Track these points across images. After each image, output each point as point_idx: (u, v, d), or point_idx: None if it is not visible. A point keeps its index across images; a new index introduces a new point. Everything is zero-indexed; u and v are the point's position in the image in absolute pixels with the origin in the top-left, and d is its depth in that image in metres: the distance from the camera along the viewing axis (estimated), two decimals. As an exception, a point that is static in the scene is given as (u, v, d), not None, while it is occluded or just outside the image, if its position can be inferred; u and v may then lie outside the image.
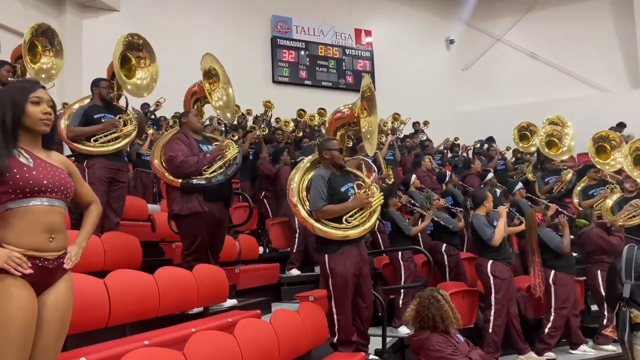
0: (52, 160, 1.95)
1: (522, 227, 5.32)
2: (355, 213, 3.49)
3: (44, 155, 1.94)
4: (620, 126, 10.15)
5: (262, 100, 10.54)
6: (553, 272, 4.93)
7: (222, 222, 4.07)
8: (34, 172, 1.83)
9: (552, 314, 4.87)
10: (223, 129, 8.81)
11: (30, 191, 1.80)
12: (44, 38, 4.60)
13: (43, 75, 4.57)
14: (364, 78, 3.99)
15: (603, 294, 5.18)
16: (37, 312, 1.76)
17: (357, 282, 3.45)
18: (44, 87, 1.96)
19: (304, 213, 3.49)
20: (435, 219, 5.65)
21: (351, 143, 6.88)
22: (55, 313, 1.82)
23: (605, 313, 5.16)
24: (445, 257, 5.64)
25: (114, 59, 4.26)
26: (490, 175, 7.31)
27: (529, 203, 6.36)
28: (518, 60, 13.59)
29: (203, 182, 3.86)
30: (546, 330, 4.85)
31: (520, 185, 6.63)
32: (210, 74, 4.51)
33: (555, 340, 4.88)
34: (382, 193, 3.72)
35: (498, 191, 6.61)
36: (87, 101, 4.49)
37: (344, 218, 3.44)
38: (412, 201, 6.01)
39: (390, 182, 6.70)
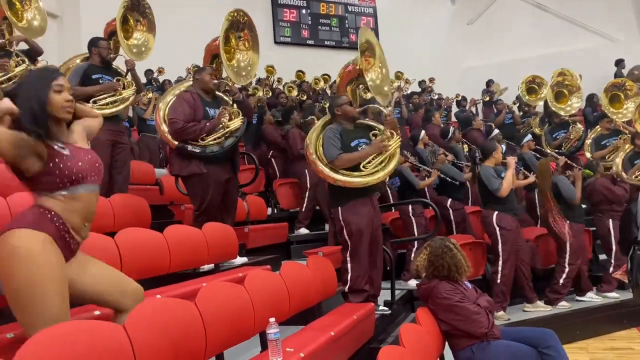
0: (77, 141, 1.97)
1: (530, 180, 5.31)
2: (373, 159, 3.49)
3: (71, 138, 1.95)
4: (619, 62, 10.09)
5: (264, 62, 10.42)
6: (567, 223, 4.92)
7: (229, 181, 4.02)
8: (73, 161, 1.86)
9: (567, 266, 4.88)
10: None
11: (76, 179, 1.85)
12: None
13: (34, 31, 4.46)
14: (360, 31, 3.89)
15: (613, 243, 5.21)
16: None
17: (370, 233, 3.49)
18: (63, 75, 1.95)
19: (322, 167, 3.50)
20: (442, 175, 5.63)
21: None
22: (83, 266, 1.92)
23: (613, 262, 5.20)
24: (451, 212, 5.66)
25: (117, 17, 4.14)
26: (496, 131, 7.26)
27: (537, 155, 6.31)
28: (524, 12, 13.27)
29: (197, 150, 3.81)
30: (560, 281, 4.88)
31: (529, 137, 6.56)
32: (238, 27, 4.21)
33: (568, 290, 4.93)
34: (399, 136, 3.68)
35: (504, 147, 6.56)
36: (82, 61, 4.34)
37: (361, 165, 3.45)
38: (416, 164, 5.94)
39: None
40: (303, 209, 5.99)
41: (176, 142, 3.84)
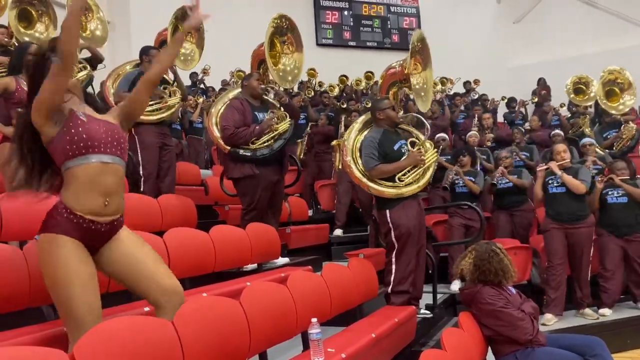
0: (102, 116, 1.97)
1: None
2: (408, 171, 3.50)
3: (91, 112, 1.96)
4: None
5: (306, 65, 10.46)
6: None
7: (277, 183, 4.19)
8: (87, 126, 1.84)
9: (600, 275, 4.67)
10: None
11: (86, 146, 1.81)
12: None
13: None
14: (415, 32, 3.91)
15: None
16: (94, 269, 1.84)
17: (417, 235, 3.50)
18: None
19: (357, 172, 3.53)
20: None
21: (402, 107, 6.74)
22: (124, 250, 1.93)
23: None
24: None
25: (168, 28, 4.32)
26: (557, 131, 7.07)
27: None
28: (573, 9, 12.79)
29: (248, 153, 3.98)
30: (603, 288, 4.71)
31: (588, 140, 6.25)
32: (282, 31, 4.32)
33: (610, 297, 4.69)
34: (436, 149, 3.72)
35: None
36: (133, 68, 4.57)
37: (396, 177, 3.46)
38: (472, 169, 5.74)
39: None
40: (335, 211, 6.04)
41: (228, 147, 4.02)
